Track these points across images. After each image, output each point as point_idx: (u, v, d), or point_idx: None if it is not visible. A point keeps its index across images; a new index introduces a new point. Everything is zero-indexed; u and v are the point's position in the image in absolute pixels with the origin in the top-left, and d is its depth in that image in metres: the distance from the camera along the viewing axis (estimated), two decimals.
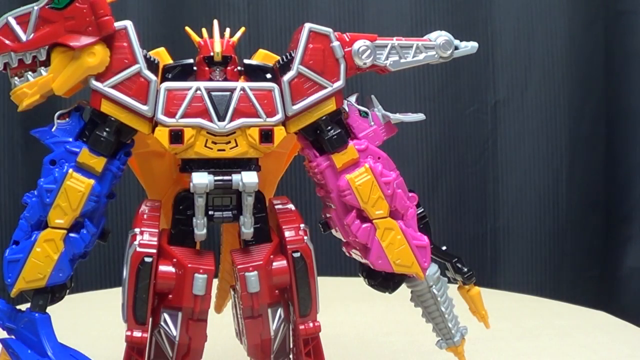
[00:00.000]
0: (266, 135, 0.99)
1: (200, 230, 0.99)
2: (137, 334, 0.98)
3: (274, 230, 1.06)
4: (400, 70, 1.06)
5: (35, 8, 0.95)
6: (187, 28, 1.07)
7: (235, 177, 0.99)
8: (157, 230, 1.01)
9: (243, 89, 0.99)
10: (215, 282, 1.20)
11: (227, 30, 1.05)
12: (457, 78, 2.24)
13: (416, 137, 2.24)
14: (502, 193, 2.29)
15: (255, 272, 0.99)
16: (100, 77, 0.97)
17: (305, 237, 1.03)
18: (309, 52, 1.01)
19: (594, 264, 2.34)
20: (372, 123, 1.06)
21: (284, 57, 1.03)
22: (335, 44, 1.02)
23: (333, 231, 1.08)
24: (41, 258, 0.97)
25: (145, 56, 0.99)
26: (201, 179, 0.97)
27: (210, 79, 1.01)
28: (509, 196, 2.30)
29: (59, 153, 0.99)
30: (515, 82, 2.27)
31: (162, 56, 1.08)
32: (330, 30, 1.02)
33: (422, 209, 1.09)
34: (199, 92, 0.98)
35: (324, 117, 1.02)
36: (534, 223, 2.30)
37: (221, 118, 0.98)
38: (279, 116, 1.00)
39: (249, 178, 0.98)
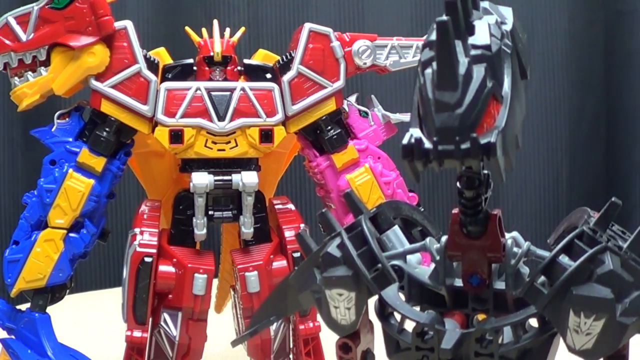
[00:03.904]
0: (266, 135, 0.99)
1: (200, 230, 0.99)
2: (137, 334, 0.98)
3: (274, 230, 1.05)
4: (400, 70, 1.06)
5: (35, 8, 0.96)
6: (187, 28, 1.07)
7: (235, 177, 0.99)
8: (157, 230, 1.01)
9: (243, 89, 0.99)
10: (215, 282, 1.20)
11: (227, 30, 1.05)
12: None
13: None
14: (502, 193, 2.29)
15: (255, 272, 0.99)
16: (100, 77, 0.97)
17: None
18: (309, 52, 1.01)
19: None
20: (372, 123, 1.06)
21: (284, 57, 1.03)
22: (335, 43, 1.02)
23: None
24: (41, 258, 0.97)
25: (145, 56, 0.99)
26: (201, 179, 0.97)
27: (210, 79, 1.01)
28: (509, 196, 2.29)
29: (59, 153, 0.99)
30: None
31: (162, 56, 1.07)
32: (330, 30, 1.02)
33: (422, 209, 1.09)
34: (199, 92, 0.98)
35: (324, 117, 1.02)
36: (534, 222, 2.30)
37: (221, 118, 0.98)
38: (279, 116, 1.00)
39: (249, 178, 0.98)
